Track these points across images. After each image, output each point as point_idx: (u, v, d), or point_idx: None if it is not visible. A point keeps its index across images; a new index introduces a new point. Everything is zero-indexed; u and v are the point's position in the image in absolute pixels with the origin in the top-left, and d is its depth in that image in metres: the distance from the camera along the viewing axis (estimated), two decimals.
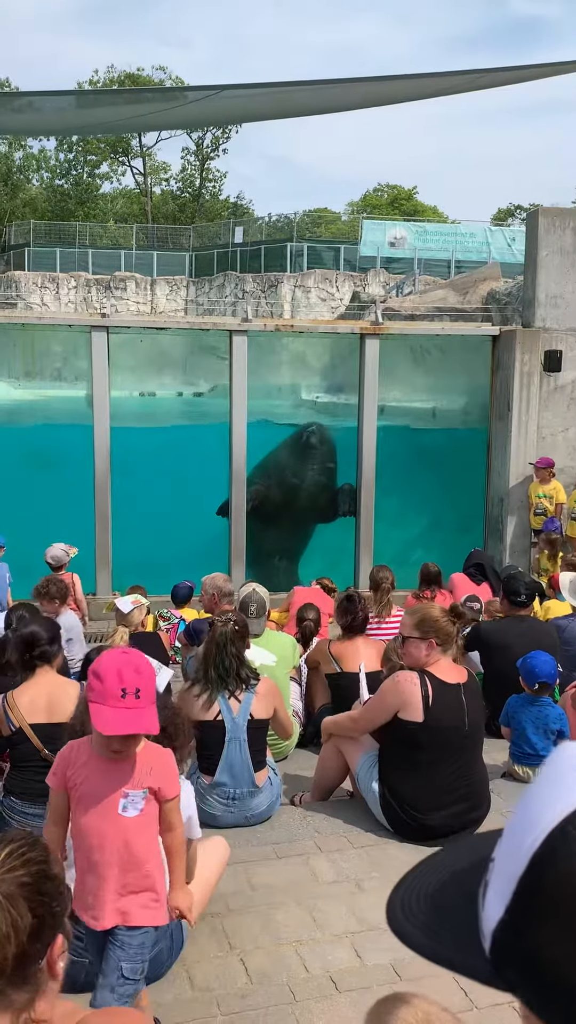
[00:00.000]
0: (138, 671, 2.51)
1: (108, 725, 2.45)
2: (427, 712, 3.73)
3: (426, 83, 10.76)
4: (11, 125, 13.01)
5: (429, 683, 3.77)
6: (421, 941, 0.61)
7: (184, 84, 40.09)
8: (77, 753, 2.64)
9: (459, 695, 3.83)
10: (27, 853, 1.37)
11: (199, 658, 4.27)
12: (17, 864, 1.34)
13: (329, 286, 28.60)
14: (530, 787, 0.61)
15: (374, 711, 3.94)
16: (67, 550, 7.58)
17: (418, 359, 10.38)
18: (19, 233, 36.22)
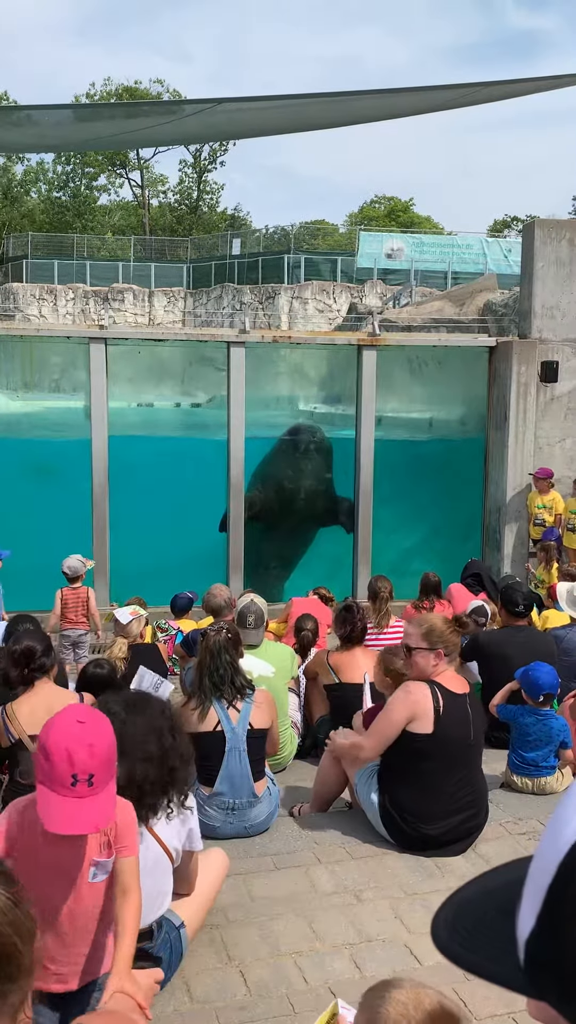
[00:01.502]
0: (92, 751, 2.21)
1: (54, 821, 2.15)
2: (437, 723, 3.73)
3: (426, 97, 10.84)
4: (9, 141, 13.09)
5: (440, 694, 3.77)
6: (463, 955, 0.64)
7: (182, 97, 40.35)
8: (29, 817, 2.33)
9: (465, 705, 3.84)
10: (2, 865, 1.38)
11: (195, 668, 4.28)
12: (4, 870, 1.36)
13: (326, 297, 28.71)
14: (558, 804, 0.63)
15: (386, 727, 3.81)
16: (84, 562, 7.64)
17: (415, 370, 10.43)
18: (17, 245, 36.35)
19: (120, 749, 2.72)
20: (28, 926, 1.31)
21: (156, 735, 2.80)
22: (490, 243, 31.95)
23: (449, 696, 3.79)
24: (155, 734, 2.80)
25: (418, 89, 10.82)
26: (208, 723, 3.99)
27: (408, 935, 3.25)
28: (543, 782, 4.64)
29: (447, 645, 3.82)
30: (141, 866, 2.75)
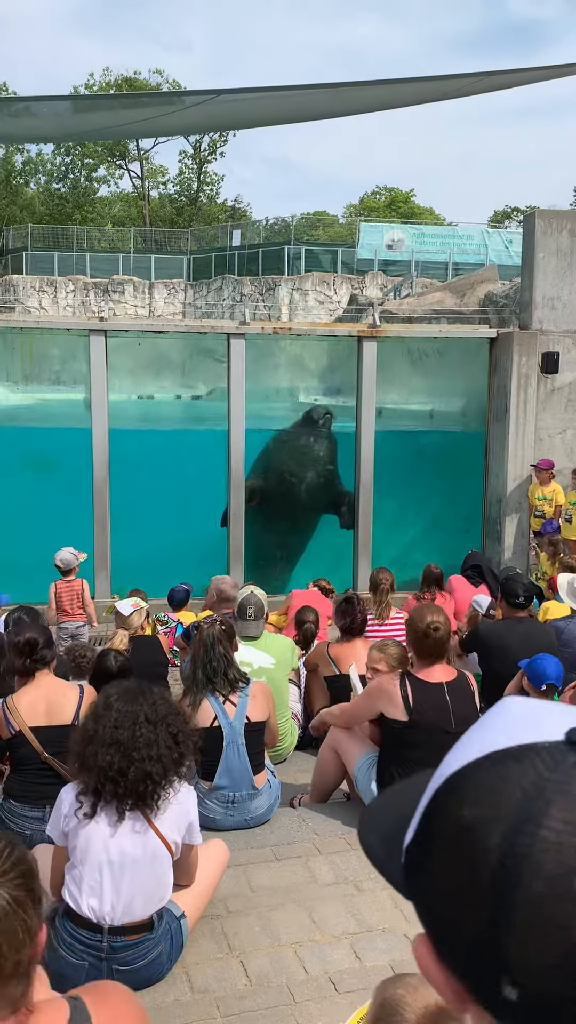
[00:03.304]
0: None
1: None
2: (409, 711, 3.79)
3: (427, 87, 10.78)
4: (8, 132, 13.03)
5: (409, 683, 3.84)
6: (368, 839, 0.70)
7: (181, 87, 40.18)
8: None
9: (442, 694, 3.85)
10: (12, 854, 1.38)
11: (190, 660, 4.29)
12: (8, 867, 1.35)
13: (327, 289, 28.63)
14: (476, 724, 0.67)
15: (358, 707, 4.10)
16: (76, 554, 7.62)
17: (416, 361, 10.40)
18: (17, 237, 36.24)
19: (127, 744, 2.73)
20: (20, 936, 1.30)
21: (162, 725, 2.81)
22: (491, 234, 31.83)
23: (420, 685, 3.85)
24: (160, 724, 2.81)
25: (418, 79, 10.76)
26: (205, 718, 3.99)
27: (408, 925, 3.26)
28: None
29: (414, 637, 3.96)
30: (141, 858, 2.76)
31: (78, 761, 2.80)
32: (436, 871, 0.60)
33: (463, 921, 0.57)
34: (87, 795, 2.77)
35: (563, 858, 0.53)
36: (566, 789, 0.55)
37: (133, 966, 2.78)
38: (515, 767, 0.58)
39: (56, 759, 3.78)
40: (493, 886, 0.55)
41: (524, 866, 0.54)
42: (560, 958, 0.52)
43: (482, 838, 0.56)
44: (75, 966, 2.71)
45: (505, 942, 0.54)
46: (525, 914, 0.53)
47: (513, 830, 0.55)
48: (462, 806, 0.59)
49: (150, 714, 2.82)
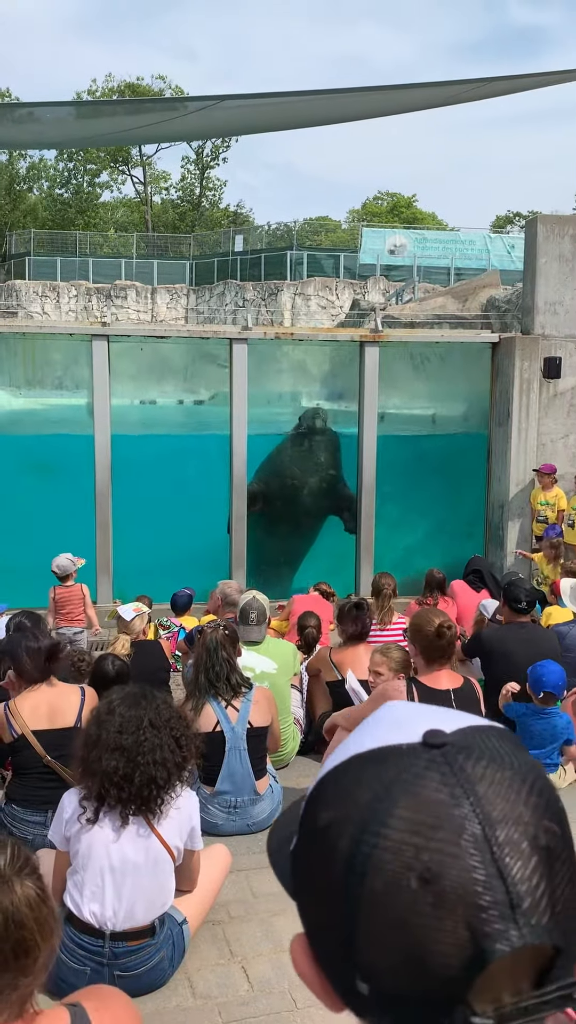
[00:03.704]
0: None
1: None
2: None
3: (431, 93, 10.80)
4: (12, 137, 13.07)
5: (415, 689, 3.82)
6: (271, 844, 0.74)
7: (184, 94, 40.26)
8: None
9: (449, 701, 3.84)
10: (23, 853, 1.41)
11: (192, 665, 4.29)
12: (23, 864, 1.37)
13: (329, 294, 28.67)
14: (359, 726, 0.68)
15: (365, 712, 4.03)
16: (74, 560, 7.60)
17: (418, 366, 10.41)
18: (20, 242, 36.34)
19: (132, 749, 2.73)
20: (50, 924, 1.32)
21: (166, 729, 2.81)
22: (493, 239, 31.88)
23: (426, 692, 3.83)
24: (164, 728, 2.81)
25: (420, 85, 10.79)
26: (207, 723, 3.99)
27: None
28: None
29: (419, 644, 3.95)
30: (143, 864, 2.76)
31: (81, 766, 2.79)
32: (304, 872, 0.62)
33: (324, 920, 0.59)
34: (90, 800, 2.77)
35: (402, 857, 0.54)
36: (413, 790, 0.56)
37: (135, 972, 2.77)
38: (371, 769, 0.59)
39: (58, 762, 3.78)
40: (344, 886, 0.56)
41: (368, 865, 0.55)
42: (399, 955, 0.54)
43: (335, 839, 0.58)
44: (76, 972, 2.70)
45: (355, 940, 0.56)
46: (368, 912, 0.55)
47: (360, 830, 0.56)
48: (321, 809, 0.61)
49: (154, 718, 2.82)
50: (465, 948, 0.52)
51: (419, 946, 0.53)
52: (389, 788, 0.57)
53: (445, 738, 0.59)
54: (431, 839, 0.54)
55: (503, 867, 0.53)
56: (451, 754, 0.58)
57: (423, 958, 0.53)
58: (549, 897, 0.54)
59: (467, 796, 0.55)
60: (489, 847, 0.54)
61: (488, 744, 0.60)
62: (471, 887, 0.53)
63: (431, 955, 0.53)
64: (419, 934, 0.53)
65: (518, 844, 0.54)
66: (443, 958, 0.52)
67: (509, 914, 0.53)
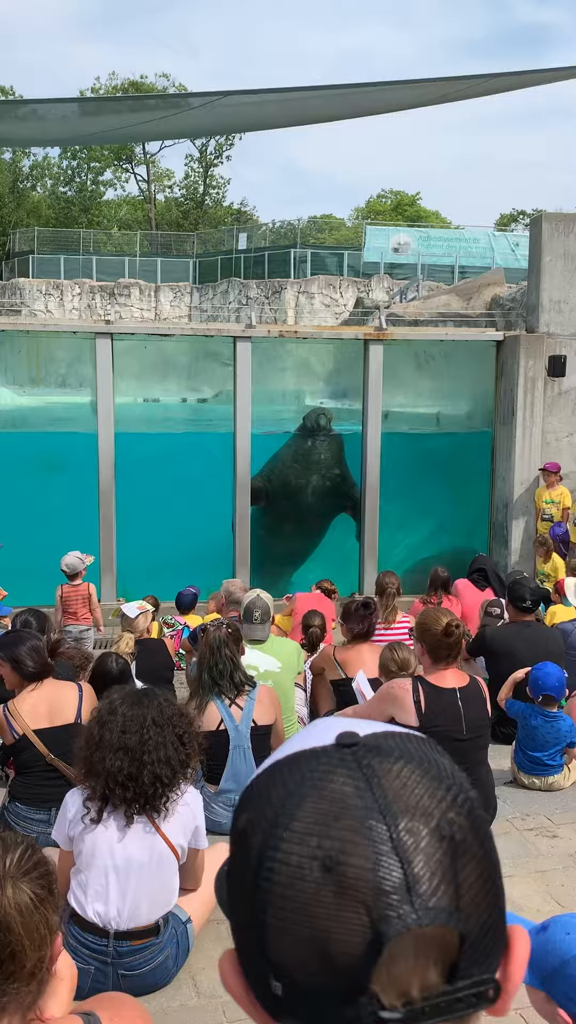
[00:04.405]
0: None
1: None
2: (421, 717, 3.75)
3: (432, 89, 10.77)
4: (15, 135, 13.07)
5: (421, 688, 3.80)
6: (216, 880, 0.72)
7: (187, 91, 40.21)
8: None
9: (455, 700, 3.83)
10: (34, 855, 1.39)
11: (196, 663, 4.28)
12: (30, 867, 1.36)
13: (333, 292, 28.63)
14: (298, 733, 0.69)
15: (369, 710, 4.03)
16: (82, 558, 7.59)
17: (422, 365, 10.39)
18: (23, 240, 36.34)
19: (136, 748, 2.73)
20: (42, 931, 1.31)
21: (168, 727, 2.80)
22: (497, 237, 31.81)
23: (433, 691, 3.80)
24: (167, 726, 2.80)
25: (423, 81, 10.76)
26: (211, 722, 3.98)
27: None
28: (551, 780, 4.63)
29: (427, 643, 3.89)
30: (147, 863, 2.76)
31: (84, 767, 2.79)
32: (229, 882, 0.63)
33: (243, 924, 0.60)
34: (94, 800, 2.76)
35: (306, 847, 0.55)
36: (320, 784, 0.58)
37: (139, 971, 2.77)
38: (286, 770, 0.61)
39: (61, 760, 3.78)
40: (254, 883, 0.57)
41: (275, 859, 0.56)
42: (305, 947, 0.54)
43: (249, 839, 0.59)
44: (81, 971, 2.70)
45: (265, 936, 0.56)
46: (275, 906, 0.56)
47: (270, 825, 0.58)
48: (240, 814, 0.62)
49: (156, 717, 2.82)
50: (364, 931, 0.53)
51: (322, 934, 0.54)
52: (299, 784, 0.58)
53: (356, 739, 0.61)
54: (333, 828, 0.56)
55: (401, 852, 0.55)
56: (360, 752, 0.59)
57: (327, 947, 0.54)
58: (450, 883, 0.55)
59: (371, 788, 0.57)
60: (389, 834, 0.55)
61: (402, 746, 0.61)
62: (370, 871, 0.54)
63: (334, 943, 0.53)
64: (322, 923, 0.54)
65: (418, 832, 0.56)
66: (345, 945, 0.53)
67: (406, 896, 0.54)
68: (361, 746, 0.60)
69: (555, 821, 4.26)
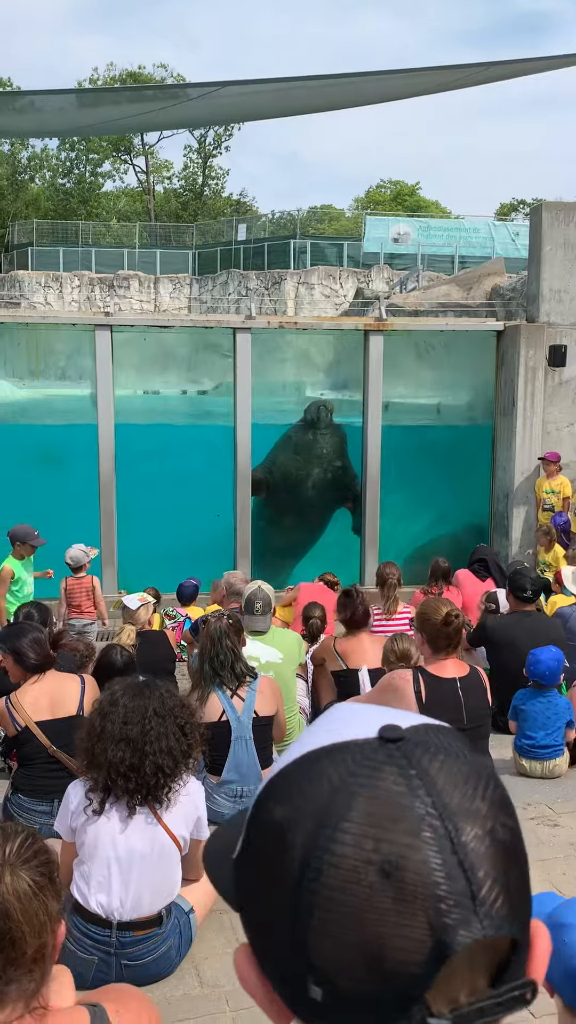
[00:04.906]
0: None
1: None
2: (421, 707, 3.75)
3: (431, 77, 10.72)
4: (13, 127, 13.01)
5: (422, 679, 3.81)
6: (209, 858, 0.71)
7: (186, 81, 40.01)
8: None
9: (455, 690, 3.84)
10: (34, 844, 1.40)
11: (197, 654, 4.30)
12: (30, 855, 1.37)
13: (333, 283, 28.56)
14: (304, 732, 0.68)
15: (370, 701, 3.99)
16: (87, 551, 7.59)
17: (422, 355, 10.37)
18: (22, 232, 36.25)
19: (138, 739, 2.73)
20: (41, 918, 1.31)
21: (170, 717, 2.81)
22: (497, 227, 31.70)
23: (433, 681, 3.81)
24: (168, 717, 2.81)
25: (422, 70, 10.70)
26: (213, 713, 3.99)
27: None
28: (552, 765, 4.64)
29: (427, 633, 3.88)
30: (149, 854, 2.76)
31: (86, 758, 2.79)
32: (252, 876, 0.60)
33: (274, 924, 0.57)
34: (96, 791, 2.77)
35: (361, 850, 0.53)
36: (371, 783, 0.56)
37: (142, 961, 2.78)
38: (326, 764, 0.58)
39: (63, 751, 3.79)
40: (298, 884, 0.55)
41: (324, 860, 0.54)
42: (357, 954, 0.52)
43: (290, 835, 0.57)
44: (84, 961, 2.71)
45: (308, 941, 0.54)
46: (324, 909, 0.53)
47: (317, 824, 0.55)
48: (275, 807, 0.59)
49: (158, 708, 2.82)
50: (426, 940, 0.51)
51: (378, 942, 0.52)
52: (346, 782, 0.56)
53: (401, 733, 0.59)
54: (391, 831, 0.53)
55: (463, 858, 0.53)
56: (407, 748, 0.57)
57: (382, 955, 0.52)
58: (503, 888, 0.54)
59: (426, 789, 0.55)
60: (449, 839, 0.53)
61: (442, 741, 0.60)
62: (432, 878, 0.52)
63: (391, 951, 0.52)
64: (378, 929, 0.52)
65: (478, 837, 0.54)
66: (403, 953, 0.51)
67: (470, 904, 0.52)
68: (407, 742, 0.58)
69: (556, 810, 4.27)
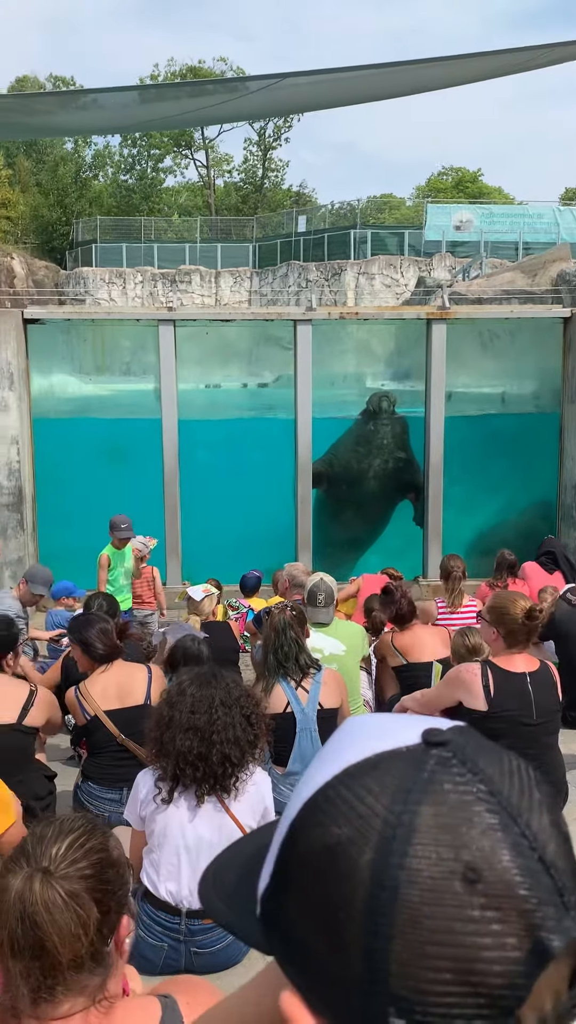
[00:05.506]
0: None
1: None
2: (490, 701, 3.70)
3: (489, 62, 10.49)
4: (77, 125, 13.20)
5: (491, 673, 3.74)
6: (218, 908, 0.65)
7: (245, 74, 40.06)
8: None
9: (524, 684, 3.76)
10: (87, 842, 1.36)
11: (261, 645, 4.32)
12: (79, 856, 1.34)
13: (394, 272, 28.30)
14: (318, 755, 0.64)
15: (437, 696, 4.02)
16: (146, 542, 7.69)
17: (486, 343, 10.19)
18: (86, 230, 36.81)
19: (205, 728, 2.76)
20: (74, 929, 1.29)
21: (236, 707, 2.83)
22: (562, 212, 30.94)
23: (502, 675, 3.75)
24: (235, 707, 2.83)
25: (484, 54, 10.47)
26: (277, 704, 4.00)
27: None
28: None
29: (505, 627, 3.79)
30: (217, 844, 2.79)
31: (155, 747, 2.83)
32: (300, 908, 0.55)
33: (338, 957, 0.52)
34: (165, 780, 2.80)
35: (441, 861, 0.50)
36: (432, 789, 0.53)
37: (211, 949, 2.81)
38: (376, 776, 0.55)
39: (131, 740, 3.85)
40: (369, 907, 0.51)
41: (400, 876, 0.51)
42: (448, 971, 0.49)
43: (351, 855, 0.53)
44: (154, 947, 2.75)
45: (387, 967, 0.50)
46: (405, 930, 0.50)
47: (384, 840, 0.52)
48: (324, 826, 0.55)
49: (224, 698, 2.84)
50: (523, 946, 0.49)
51: (471, 956, 0.49)
52: (406, 792, 0.53)
53: (446, 735, 0.56)
54: (466, 836, 0.51)
55: (542, 855, 0.51)
56: (456, 749, 0.55)
57: (476, 969, 0.49)
58: None
59: (488, 789, 0.53)
60: (524, 836, 0.51)
61: (480, 739, 0.58)
62: (518, 880, 0.50)
63: (485, 963, 0.49)
64: (470, 940, 0.49)
65: (548, 832, 0.52)
66: (499, 963, 0.48)
67: (559, 903, 0.50)
68: (453, 743, 0.56)
69: None
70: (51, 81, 44.25)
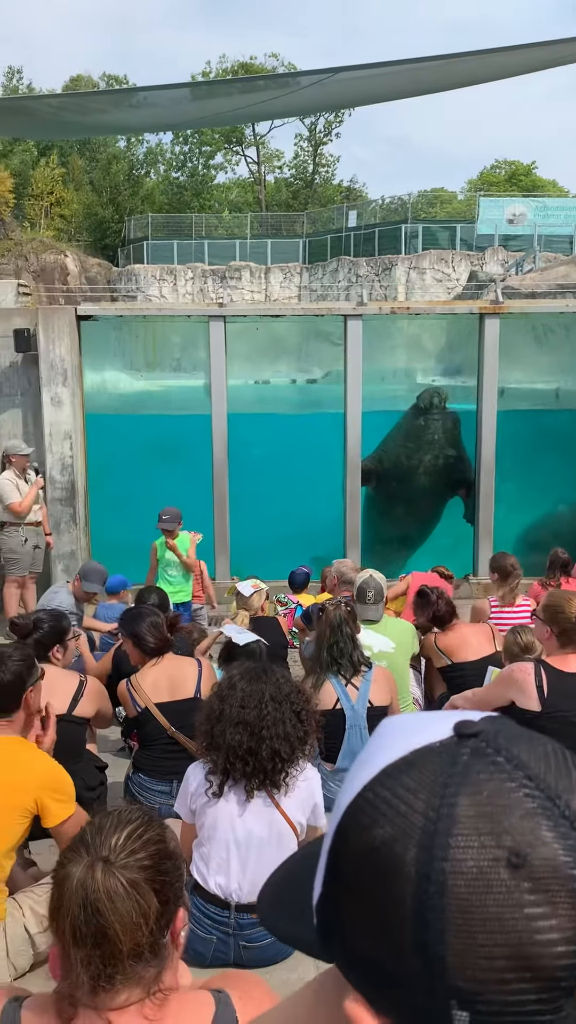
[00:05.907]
0: None
1: None
2: (543, 702, 3.65)
3: (540, 53, 10.29)
4: (130, 123, 13.32)
5: (544, 672, 3.68)
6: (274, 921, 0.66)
7: (297, 69, 39.97)
8: None
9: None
10: (144, 833, 1.37)
11: (315, 641, 4.31)
12: (137, 847, 1.35)
13: (445, 267, 28.03)
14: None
15: (488, 695, 3.97)
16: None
17: (540, 338, 10.02)
18: (138, 227, 37.18)
19: (254, 723, 2.76)
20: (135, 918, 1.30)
21: (286, 703, 2.83)
22: None
23: (556, 675, 3.69)
24: (285, 702, 2.83)
25: (537, 44, 10.28)
26: (327, 701, 4.00)
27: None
28: None
29: (559, 626, 3.73)
30: (267, 839, 2.79)
31: (205, 740, 2.84)
32: (355, 912, 0.56)
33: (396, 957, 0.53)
34: (215, 774, 2.81)
35: (484, 849, 0.50)
36: (468, 780, 0.53)
37: (260, 943, 2.82)
38: (412, 774, 0.55)
39: (182, 733, 3.88)
40: (419, 904, 0.51)
41: (445, 868, 0.51)
42: (503, 958, 0.49)
43: (396, 853, 0.53)
44: (203, 940, 2.77)
45: (444, 960, 0.50)
46: (456, 922, 0.50)
47: (427, 836, 0.52)
48: (368, 828, 0.55)
49: (275, 693, 2.84)
50: (573, 925, 0.49)
51: (523, 938, 0.49)
52: (443, 785, 0.54)
53: (477, 726, 0.56)
54: (506, 822, 0.51)
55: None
56: (489, 738, 0.55)
57: (531, 952, 0.49)
58: None
59: (525, 774, 0.53)
60: (565, 817, 0.51)
61: (512, 727, 0.58)
62: (563, 859, 0.50)
63: (539, 946, 0.49)
64: (521, 925, 0.49)
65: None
66: (553, 945, 0.49)
67: None
68: (485, 732, 0.56)
69: None
70: (104, 80, 44.77)
